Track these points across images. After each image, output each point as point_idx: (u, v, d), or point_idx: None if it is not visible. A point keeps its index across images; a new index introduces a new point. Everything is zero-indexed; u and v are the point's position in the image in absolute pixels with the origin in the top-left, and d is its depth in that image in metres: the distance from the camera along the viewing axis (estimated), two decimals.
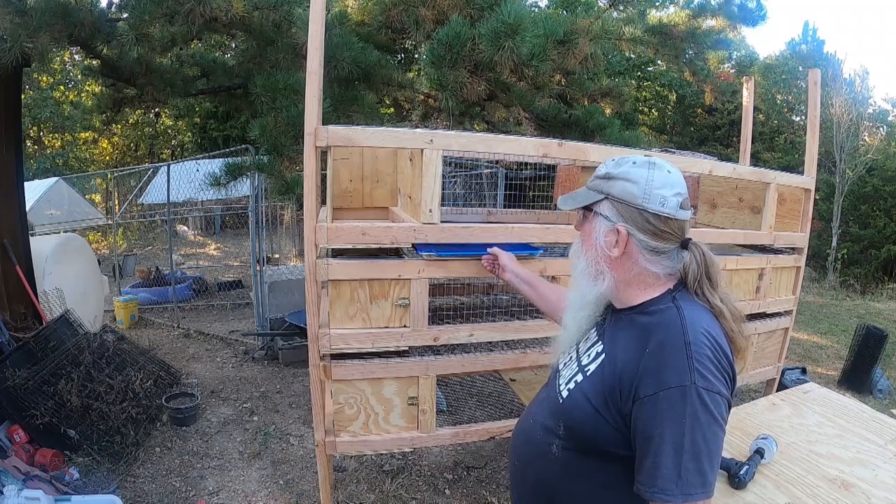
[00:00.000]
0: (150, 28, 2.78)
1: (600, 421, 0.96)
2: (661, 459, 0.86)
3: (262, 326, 4.96)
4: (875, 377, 4.31)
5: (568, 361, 1.13)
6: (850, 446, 1.58)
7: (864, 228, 13.78)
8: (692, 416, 0.86)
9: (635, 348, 0.96)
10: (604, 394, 0.97)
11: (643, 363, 0.92)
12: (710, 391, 0.87)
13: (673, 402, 0.87)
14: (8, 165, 3.46)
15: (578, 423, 1.00)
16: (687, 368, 0.88)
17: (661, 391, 0.88)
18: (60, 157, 14.29)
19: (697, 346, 0.90)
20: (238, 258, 10.00)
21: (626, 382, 0.93)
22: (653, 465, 0.87)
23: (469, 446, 3.12)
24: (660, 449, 0.86)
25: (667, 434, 0.86)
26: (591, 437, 0.98)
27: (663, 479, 0.85)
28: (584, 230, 1.08)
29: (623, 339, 1.00)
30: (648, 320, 0.98)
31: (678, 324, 0.94)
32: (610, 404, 0.95)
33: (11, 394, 2.80)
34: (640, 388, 0.90)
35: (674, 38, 3.51)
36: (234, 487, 2.79)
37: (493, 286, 2.58)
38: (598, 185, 1.04)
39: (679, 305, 0.98)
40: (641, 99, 17.87)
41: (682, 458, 0.85)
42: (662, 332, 0.94)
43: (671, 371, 0.89)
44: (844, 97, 13.06)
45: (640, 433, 0.90)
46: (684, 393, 0.86)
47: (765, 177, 2.43)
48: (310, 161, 1.66)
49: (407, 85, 4.06)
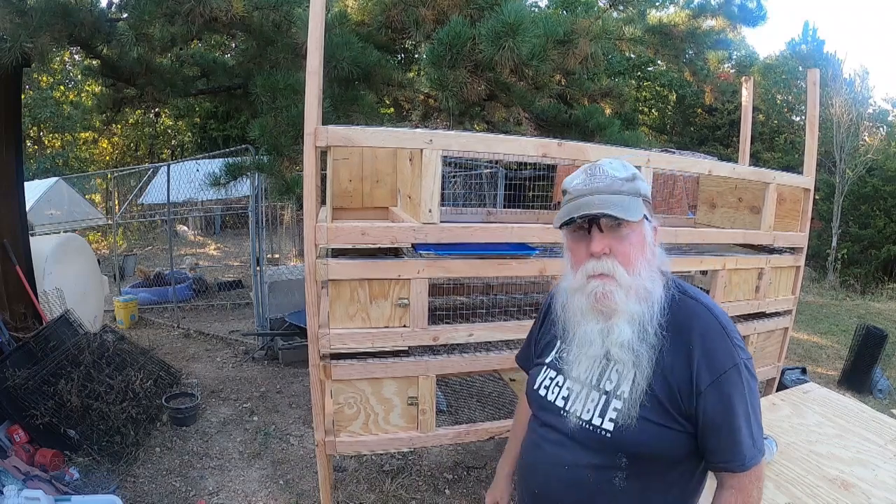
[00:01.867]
0: (149, 28, 2.78)
1: (668, 433, 0.97)
2: (740, 434, 0.95)
3: (262, 326, 4.96)
4: (875, 377, 4.31)
5: (575, 396, 1.05)
6: (850, 446, 1.59)
7: (864, 228, 13.77)
8: (748, 386, 0.97)
9: (677, 349, 0.98)
10: (662, 407, 0.97)
11: (695, 359, 0.97)
12: (749, 358, 0.99)
13: (733, 381, 0.95)
14: (8, 165, 3.46)
15: (646, 447, 0.97)
16: (732, 348, 0.97)
17: (720, 375, 0.95)
18: (60, 157, 14.28)
19: (729, 326, 1.00)
20: (238, 258, 10.01)
21: (685, 385, 0.97)
22: (733, 441, 0.95)
23: (469, 446, 3.12)
24: (735, 425, 0.95)
25: (737, 410, 0.95)
26: (664, 452, 0.99)
27: (746, 448, 0.95)
28: (630, 243, 0.98)
29: (656, 346, 0.98)
30: (673, 317, 1.00)
31: (706, 311, 1.01)
32: (674, 413, 0.97)
33: (11, 394, 2.80)
34: (701, 381, 0.96)
35: (674, 38, 3.50)
36: (234, 487, 2.79)
37: (491, 286, 2.58)
38: (633, 187, 1.00)
39: (691, 295, 1.04)
40: (641, 99, 17.87)
41: (752, 426, 0.97)
42: (698, 324, 1.00)
43: (722, 355, 0.97)
44: (844, 97, 13.05)
45: (711, 420, 0.95)
46: (738, 370, 0.96)
47: (764, 177, 2.43)
48: (310, 161, 1.66)
49: (407, 85, 4.06)
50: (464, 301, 2.45)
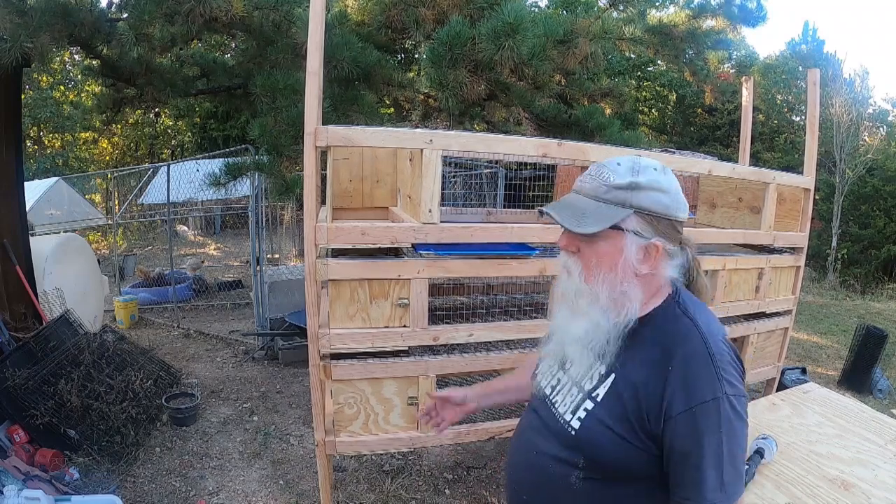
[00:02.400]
0: (149, 28, 2.78)
1: (627, 446, 0.93)
2: (705, 472, 0.87)
3: (262, 326, 4.96)
4: (875, 377, 4.31)
5: (560, 387, 1.07)
6: (850, 446, 1.58)
7: (864, 228, 13.77)
8: (727, 425, 0.87)
9: (651, 364, 0.93)
10: (627, 418, 0.93)
11: (671, 381, 0.90)
12: (738, 396, 0.89)
13: (708, 415, 0.87)
14: (8, 165, 3.46)
15: (603, 453, 0.96)
16: (717, 380, 0.88)
17: (694, 406, 0.88)
18: (60, 157, 14.28)
19: (720, 356, 0.90)
20: (238, 258, 10.01)
21: (654, 404, 0.91)
22: (696, 479, 0.87)
23: (469, 446, 3.12)
24: (701, 462, 0.87)
25: (707, 447, 0.87)
26: (620, 464, 0.95)
27: (710, 491, 0.86)
28: (597, 252, 0.95)
29: (637, 357, 0.96)
30: (663, 334, 0.95)
31: (697, 335, 0.92)
32: (637, 428, 0.92)
33: (11, 394, 2.80)
34: (672, 407, 0.89)
35: (674, 38, 3.51)
36: (234, 487, 2.79)
37: (491, 286, 2.58)
38: (622, 197, 0.93)
39: (688, 313, 0.96)
40: (641, 99, 17.87)
41: (724, 467, 0.87)
42: (683, 346, 0.92)
43: (702, 385, 0.88)
44: (844, 97, 13.06)
45: (678, 450, 0.89)
46: (718, 405, 0.87)
47: (764, 177, 2.43)
48: (310, 161, 1.66)
49: (407, 85, 4.07)
50: (464, 301, 2.45)
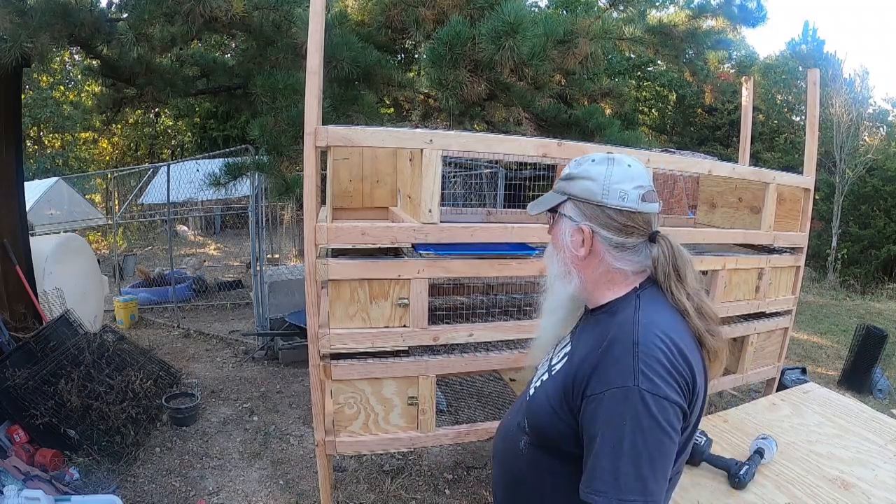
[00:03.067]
0: (149, 28, 2.78)
1: (556, 418, 0.97)
2: (600, 460, 0.85)
3: (262, 326, 4.96)
4: (875, 377, 4.31)
5: (544, 362, 1.14)
6: (850, 446, 1.59)
7: (864, 228, 13.77)
8: (633, 419, 0.83)
9: (592, 347, 0.95)
10: (558, 391, 0.98)
11: (594, 361, 0.92)
12: (656, 395, 0.84)
13: (615, 402, 0.85)
14: (8, 165, 3.46)
15: (539, 420, 1.02)
16: (632, 369, 0.86)
17: (605, 391, 0.87)
18: (60, 157, 14.28)
19: (646, 347, 0.87)
20: (238, 258, 10.01)
21: (579, 380, 0.93)
22: (591, 465, 0.86)
23: (469, 446, 3.12)
24: (600, 450, 0.85)
25: (607, 434, 0.85)
26: (550, 435, 0.99)
27: (599, 481, 0.84)
28: (553, 233, 1.09)
29: (584, 338, 1.01)
30: (609, 319, 0.98)
31: (630, 322, 0.92)
32: (564, 402, 0.95)
33: (11, 394, 2.80)
34: (588, 387, 0.90)
35: (674, 38, 3.51)
36: (234, 487, 2.79)
37: (491, 286, 2.58)
38: (562, 186, 1.06)
39: (639, 305, 0.96)
40: (641, 99, 17.86)
41: (620, 462, 0.83)
42: (614, 331, 0.93)
43: (616, 371, 0.87)
44: (844, 97, 13.05)
45: (586, 431, 0.90)
46: (626, 394, 0.85)
47: (764, 177, 2.43)
48: (310, 161, 1.66)
49: (407, 85, 4.06)
50: (464, 301, 2.44)
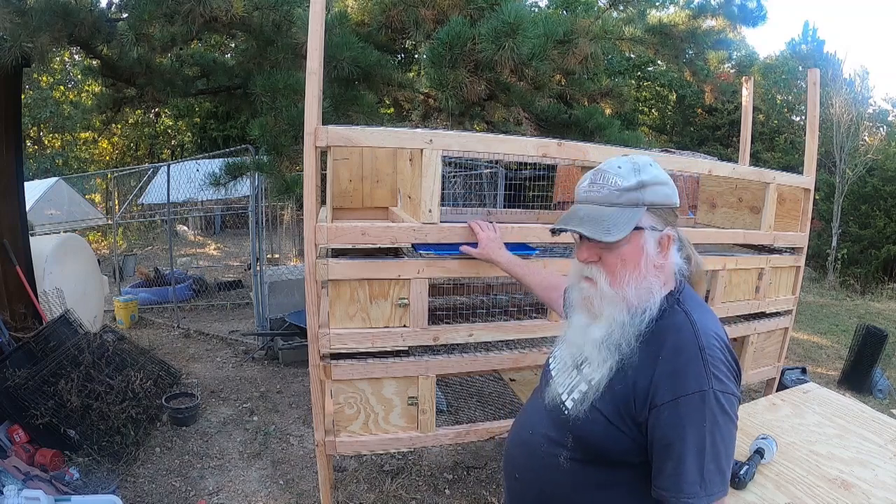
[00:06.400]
0: (149, 28, 2.78)
1: (613, 431, 0.96)
2: (685, 465, 0.87)
3: (262, 326, 4.96)
4: (875, 377, 4.31)
5: (563, 367, 1.10)
6: (850, 446, 1.58)
7: (864, 228, 13.75)
8: (711, 420, 0.88)
9: (647, 355, 0.95)
10: (615, 403, 0.96)
11: (658, 370, 0.92)
12: (726, 393, 0.90)
13: (693, 407, 0.88)
14: (8, 165, 3.46)
15: (590, 435, 0.98)
16: (704, 373, 0.89)
17: (680, 397, 0.89)
18: (60, 157, 14.29)
19: (711, 351, 0.92)
20: (238, 258, 10.00)
21: (641, 391, 0.93)
22: (676, 470, 0.88)
23: (469, 446, 3.12)
24: (683, 454, 0.88)
25: (689, 439, 0.88)
26: (604, 448, 0.98)
27: (688, 484, 0.87)
28: (621, 255, 0.96)
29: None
30: (658, 325, 0.97)
31: (690, 328, 0.95)
32: (624, 414, 0.95)
33: (11, 394, 2.80)
34: (658, 396, 0.91)
35: (674, 38, 3.51)
36: (234, 487, 2.79)
37: (491, 286, 2.58)
38: (634, 197, 0.96)
39: (685, 308, 0.98)
40: (641, 99, 17.87)
41: (705, 461, 0.87)
42: (675, 338, 0.94)
43: (689, 377, 0.90)
44: (844, 97, 13.03)
45: (660, 440, 0.91)
46: (703, 398, 0.88)
47: (764, 176, 2.42)
48: (309, 161, 1.66)
49: (407, 85, 4.07)
50: (464, 301, 2.44)
